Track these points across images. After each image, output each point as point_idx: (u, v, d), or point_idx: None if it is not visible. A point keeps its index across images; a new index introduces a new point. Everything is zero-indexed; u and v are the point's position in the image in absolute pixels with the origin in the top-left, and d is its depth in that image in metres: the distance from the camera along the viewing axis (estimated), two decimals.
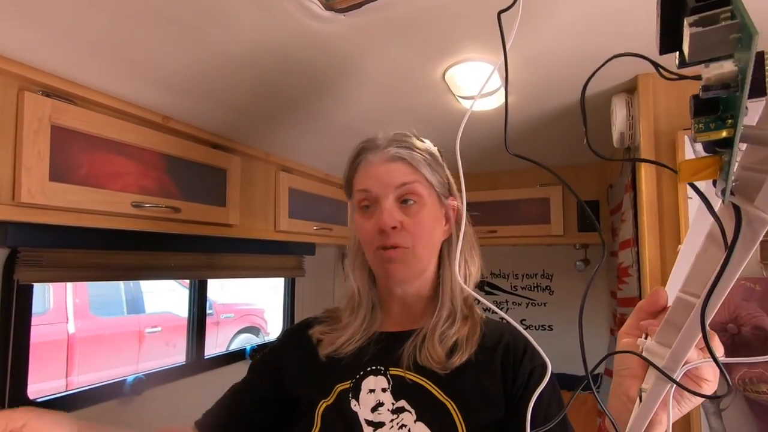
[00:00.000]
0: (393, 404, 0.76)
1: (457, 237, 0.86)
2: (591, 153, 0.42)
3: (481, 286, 2.43)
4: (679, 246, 0.53)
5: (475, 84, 1.13)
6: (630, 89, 1.20)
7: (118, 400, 1.47)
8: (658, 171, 1.12)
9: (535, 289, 2.46)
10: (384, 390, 0.78)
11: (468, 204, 0.57)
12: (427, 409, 0.75)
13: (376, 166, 0.83)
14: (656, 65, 0.38)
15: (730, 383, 0.43)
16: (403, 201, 0.82)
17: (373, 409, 0.76)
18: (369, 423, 0.75)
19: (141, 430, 1.52)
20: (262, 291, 5.13)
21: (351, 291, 0.90)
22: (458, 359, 0.76)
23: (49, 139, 0.99)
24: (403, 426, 0.74)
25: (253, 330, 5.05)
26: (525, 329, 0.74)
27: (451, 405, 0.75)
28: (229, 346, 4.62)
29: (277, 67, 1.05)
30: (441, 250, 0.87)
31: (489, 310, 0.69)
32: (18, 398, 1.20)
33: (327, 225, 1.91)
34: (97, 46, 0.92)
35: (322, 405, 0.79)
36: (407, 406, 0.76)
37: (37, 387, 1.27)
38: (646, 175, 1.13)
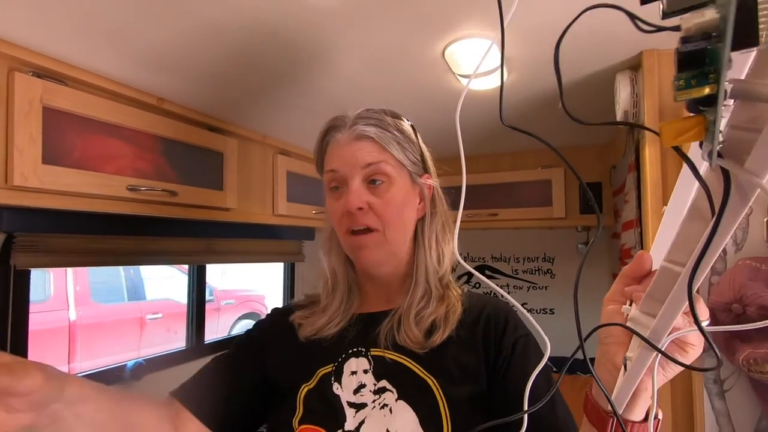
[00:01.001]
0: (375, 385, 0.76)
1: (432, 215, 0.85)
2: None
3: (481, 270, 2.42)
4: (664, 207, 0.51)
5: (476, 62, 1.11)
6: (634, 66, 1.17)
7: (119, 385, 1.47)
8: (663, 150, 1.10)
9: (537, 272, 2.44)
10: (365, 371, 0.77)
11: (468, 187, 0.55)
12: (408, 387, 0.74)
13: (342, 146, 0.81)
14: (632, 16, 0.34)
15: (718, 354, 0.42)
16: (371, 181, 0.79)
17: (356, 391, 0.76)
18: (351, 405, 0.75)
19: None
20: (263, 277, 5.14)
21: (325, 275, 0.88)
22: (438, 338, 0.76)
23: (41, 121, 0.97)
24: (384, 406, 0.74)
25: (254, 316, 5.06)
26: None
27: (432, 381, 0.74)
28: (230, 332, 4.64)
29: (272, 44, 1.02)
30: (416, 230, 0.85)
31: (491, 293, 0.68)
32: None
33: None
34: (87, 24, 0.90)
35: (304, 389, 0.78)
36: (388, 386, 0.75)
37: None
38: (650, 154, 1.11)
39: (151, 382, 1.55)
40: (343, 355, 0.80)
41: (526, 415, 0.51)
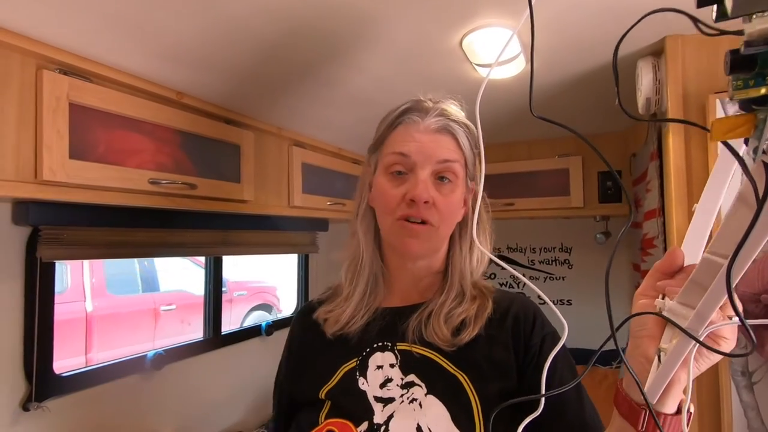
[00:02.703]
0: (402, 379, 0.75)
1: (472, 219, 0.82)
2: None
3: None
4: (695, 205, 0.51)
5: (494, 51, 1.10)
6: (657, 52, 1.15)
7: (140, 375, 1.49)
8: (687, 138, 1.08)
9: (554, 263, 2.41)
10: (392, 365, 0.76)
11: (484, 176, 0.54)
12: (437, 382, 0.73)
13: (421, 133, 0.77)
14: (695, 20, 0.36)
15: (755, 341, 0.43)
16: (439, 177, 0.78)
17: (382, 385, 0.75)
18: (378, 399, 0.74)
19: (164, 404, 1.55)
20: (275, 268, 5.16)
21: (354, 253, 0.86)
22: (467, 335, 0.75)
23: (67, 117, 0.99)
24: (413, 400, 0.73)
25: (266, 307, 5.09)
26: (542, 304, 0.73)
27: (462, 377, 0.73)
28: (242, 323, 4.67)
29: (290, 34, 1.03)
30: (453, 231, 0.84)
31: (520, 285, 0.68)
32: (45, 373, 1.23)
33: (340, 200, 1.91)
34: (110, 20, 0.91)
35: (327, 387, 0.77)
36: (417, 380, 0.74)
37: (60, 364, 1.29)
38: (674, 142, 1.09)
39: (170, 372, 1.57)
40: (368, 350, 0.79)
41: (543, 398, 0.51)
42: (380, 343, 0.79)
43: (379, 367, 0.76)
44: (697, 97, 1.07)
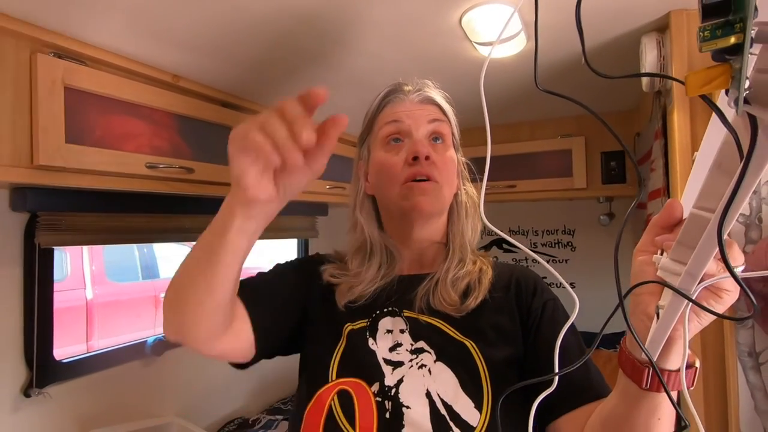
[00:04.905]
0: (412, 345, 0.77)
1: (464, 190, 0.89)
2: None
3: (499, 243, 2.39)
4: (695, 153, 0.50)
5: (494, 29, 1.08)
6: (661, 27, 1.12)
7: (140, 361, 1.49)
8: (692, 116, 1.06)
9: (556, 245, 2.38)
10: (402, 331, 0.78)
11: (484, 158, 0.53)
12: (445, 348, 0.75)
13: (407, 104, 0.85)
14: None
15: (754, 301, 0.41)
16: (433, 138, 0.84)
17: (391, 349, 0.76)
18: (387, 362, 0.75)
19: (164, 389, 1.55)
20: (275, 253, 5.14)
21: (359, 241, 0.88)
22: (473, 301, 0.78)
23: (63, 100, 0.98)
24: (422, 366, 0.74)
25: None
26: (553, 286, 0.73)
27: (470, 343, 0.75)
28: None
29: (287, 16, 1.01)
30: (451, 203, 0.88)
31: (525, 260, 0.66)
32: (45, 359, 1.22)
33: (340, 184, 1.88)
34: (105, 2, 0.89)
35: (339, 348, 0.78)
36: (426, 347, 0.76)
37: (61, 351, 1.29)
38: (679, 120, 1.06)
39: (171, 357, 1.57)
40: (377, 312, 0.80)
41: (556, 377, 0.52)
42: (389, 309, 0.81)
43: (389, 331, 0.78)
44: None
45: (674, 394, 0.51)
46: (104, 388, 1.38)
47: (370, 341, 0.77)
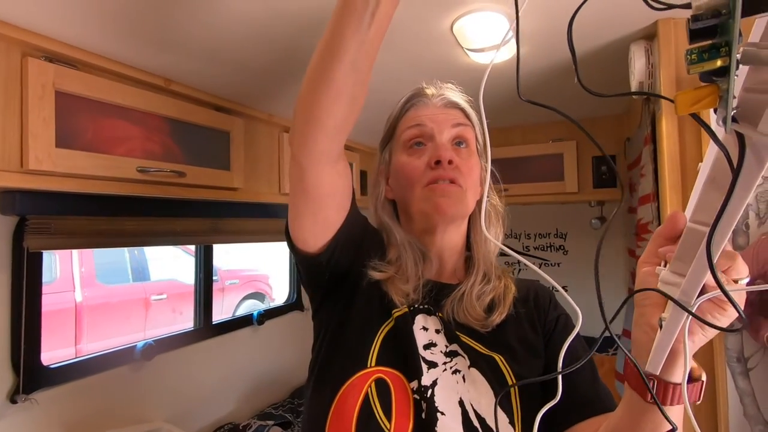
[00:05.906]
0: (446, 347, 0.74)
1: (487, 199, 0.85)
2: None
3: None
4: (699, 164, 0.50)
5: (486, 36, 1.08)
6: (649, 35, 1.14)
7: (129, 366, 1.48)
8: (681, 123, 1.07)
9: (549, 249, 2.40)
10: (438, 331, 0.75)
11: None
12: (478, 357, 0.73)
13: (431, 108, 0.83)
14: None
15: (742, 314, 0.42)
16: (456, 143, 0.82)
17: (426, 347, 0.73)
18: (423, 360, 0.72)
19: (154, 395, 1.54)
20: (267, 256, 5.13)
21: (397, 249, 0.82)
22: (498, 317, 0.76)
23: (53, 104, 0.98)
24: (457, 371, 0.72)
25: (259, 296, 5.07)
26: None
27: (498, 358, 0.74)
28: (234, 312, 4.65)
29: (278, 20, 1.00)
30: (473, 211, 0.85)
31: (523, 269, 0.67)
32: (32, 365, 1.21)
33: None
34: (96, 6, 0.89)
35: (384, 329, 0.75)
36: (460, 351, 0.74)
37: (49, 355, 1.27)
38: (667, 126, 1.08)
39: (161, 362, 1.56)
40: (413, 307, 0.77)
41: (560, 377, 0.51)
42: (425, 306, 0.78)
43: (425, 328, 0.75)
44: (690, 80, 1.06)
45: (679, 408, 0.51)
46: (92, 393, 1.37)
47: (415, 328, 0.74)
